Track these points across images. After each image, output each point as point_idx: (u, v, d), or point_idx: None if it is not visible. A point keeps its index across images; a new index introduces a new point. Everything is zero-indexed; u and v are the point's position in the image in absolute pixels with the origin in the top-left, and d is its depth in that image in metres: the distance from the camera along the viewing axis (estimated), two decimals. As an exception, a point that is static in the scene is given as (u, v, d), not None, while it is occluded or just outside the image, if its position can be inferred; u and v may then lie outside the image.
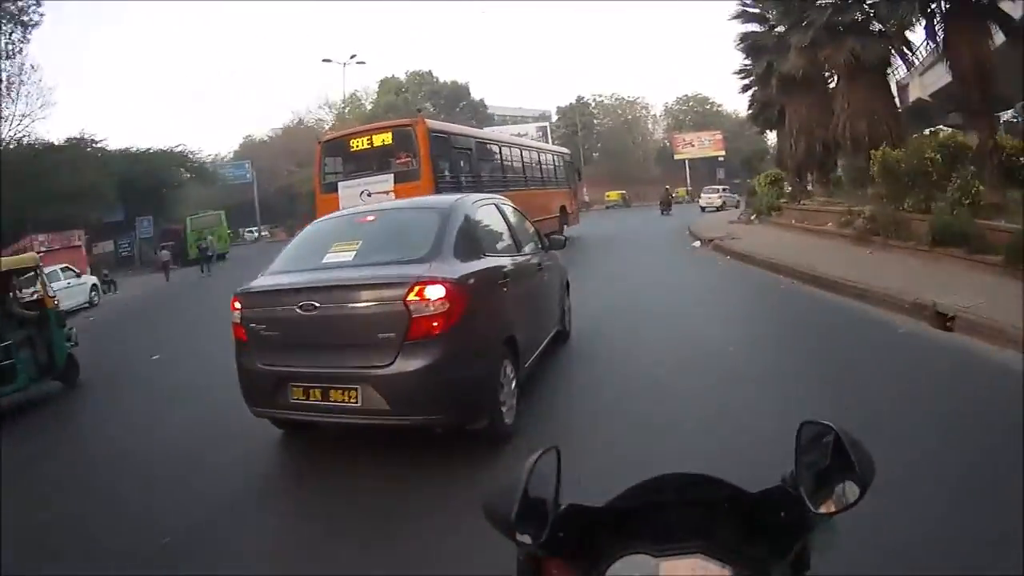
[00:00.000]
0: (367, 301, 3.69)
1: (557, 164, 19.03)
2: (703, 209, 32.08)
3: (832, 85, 18.72)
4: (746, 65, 24.38)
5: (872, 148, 13.27)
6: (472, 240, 4.30)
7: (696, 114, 67.31)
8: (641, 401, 4.55)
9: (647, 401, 4.53)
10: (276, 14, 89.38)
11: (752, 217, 20.94)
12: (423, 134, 11.33)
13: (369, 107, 51.72)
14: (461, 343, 3.65)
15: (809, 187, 22.25)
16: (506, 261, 4.64)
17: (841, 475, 0.90)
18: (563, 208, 18.64)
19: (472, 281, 3.89)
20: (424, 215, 4.51)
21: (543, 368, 5.18)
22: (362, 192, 11.32)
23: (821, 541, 0.95)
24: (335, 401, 3.67)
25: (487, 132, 18.30)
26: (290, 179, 44.22)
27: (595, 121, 65.65)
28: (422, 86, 54.82)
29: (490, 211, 5.01)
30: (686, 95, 69.35)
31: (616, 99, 66.51)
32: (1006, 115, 24.20)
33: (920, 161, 10.49)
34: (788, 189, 22.34)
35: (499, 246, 4.78)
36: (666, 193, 36.61)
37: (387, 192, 11.06)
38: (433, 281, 3.59)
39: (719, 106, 67.77)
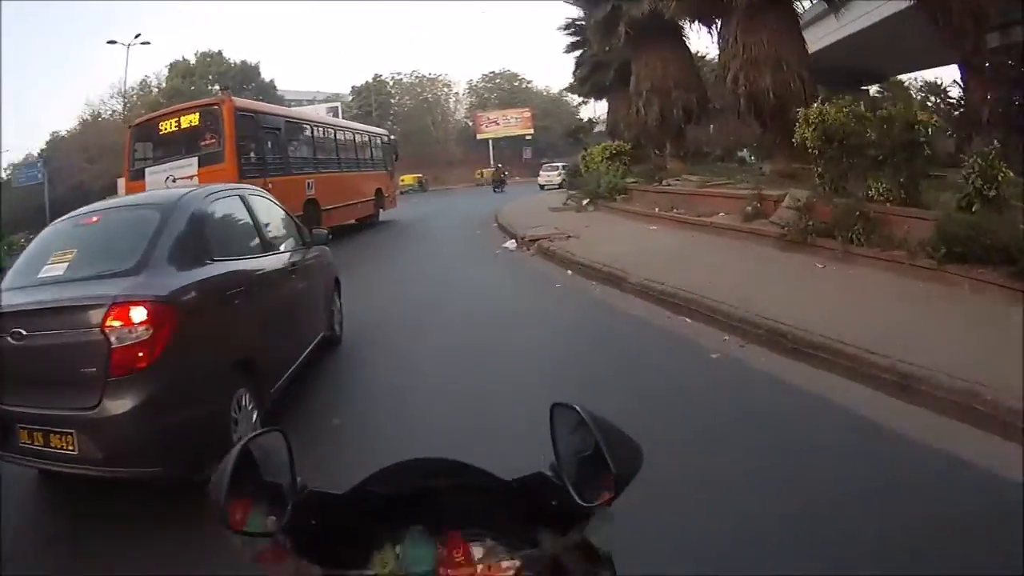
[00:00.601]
0: (66, 328, 3.06)
1: (374, 145, 19.07)
2: (542, 187, 31.78)
3: (707, 29, 14.71)
4: (576, 19, 21.99)
5: (780, 109, 11.06)
6: (197, 244, 3.67)
7: (503, 92, 62.44)
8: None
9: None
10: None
11: (585, 203, 16.54)
12: (229, 113, 11.04)
13: (154, 92, 46.23)
14: (174, 377, 3.06)
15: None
16: (245, 266, 4.03)
17: (603, 464, 0.88)
18: (379, 191, 18.78)
19: (188, 296, 3.32)
20: (143, 214, 3.79)
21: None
22: (167, 178, 10.87)
23: (597, 529, 0.92)
24: (55, 447, 3.03)
25: (300, 111, 17.80)
26: (82, 176, 38.75)
27: (392, 101, 60.31)
28: (210, 67, 49.53)
29: (230, 205, 4.32)
30: (493, 72, 64.29)
31: (416, 77, 61.95)
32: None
33: (889, 127, 7.31)
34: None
35: (238, 248, 4.14)
36: (499, 171, 39.80)
37: (191, 177, 10.72)
38: (134, 301, 2.99)
39: (529, 82, 64.08)
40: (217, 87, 44.99)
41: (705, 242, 9.38)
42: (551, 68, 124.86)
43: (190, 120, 11.46)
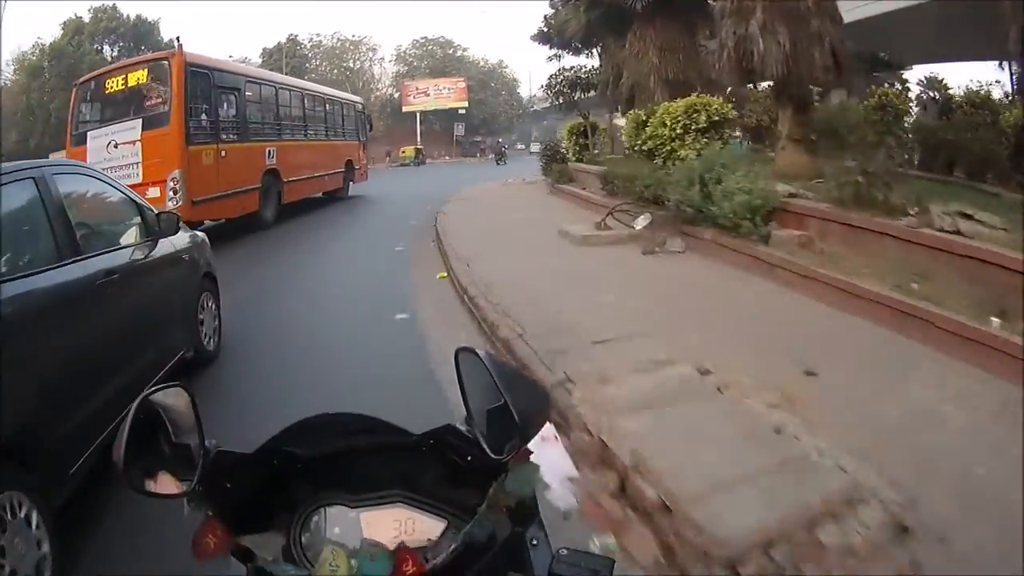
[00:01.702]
0: None
1: (346, 113, 17.56)
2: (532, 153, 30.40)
3: None
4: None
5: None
6: None
7: (435, 60, 55.31)
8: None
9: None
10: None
11: (655, 233, 7.57)
12: (178, 69, 9.39)
13: (32, 57, 39.79)
14: None
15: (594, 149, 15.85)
16: (11, 290, 2.47)
17: (508, 412, 0.81)
18: (349, 163, 17.34)
19: None
20: None
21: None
22: (109, 143, 9.46)
23: (513, 483, 0.86)
24: None
25: (264, 72, 16.30)
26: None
27: (308, 67, 51.19)
28: (100, 23, 41.39)
29: (18, 194, 2.84)
30: (424, 37, 56.81)
31: (338, 40, 54.67)
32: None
33: None
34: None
35: (15, 259, 2.69)
36: (499, 145, 40.27)
37: (133, 142, 9.31)
38: None
39: (464, 50, 57.21)
40: (108, 49, 40.73)
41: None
42: (490, 37, 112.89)
43: (138, 77, 9.85)
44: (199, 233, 5.05)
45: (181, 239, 4.40)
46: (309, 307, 6.28)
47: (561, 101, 18.08)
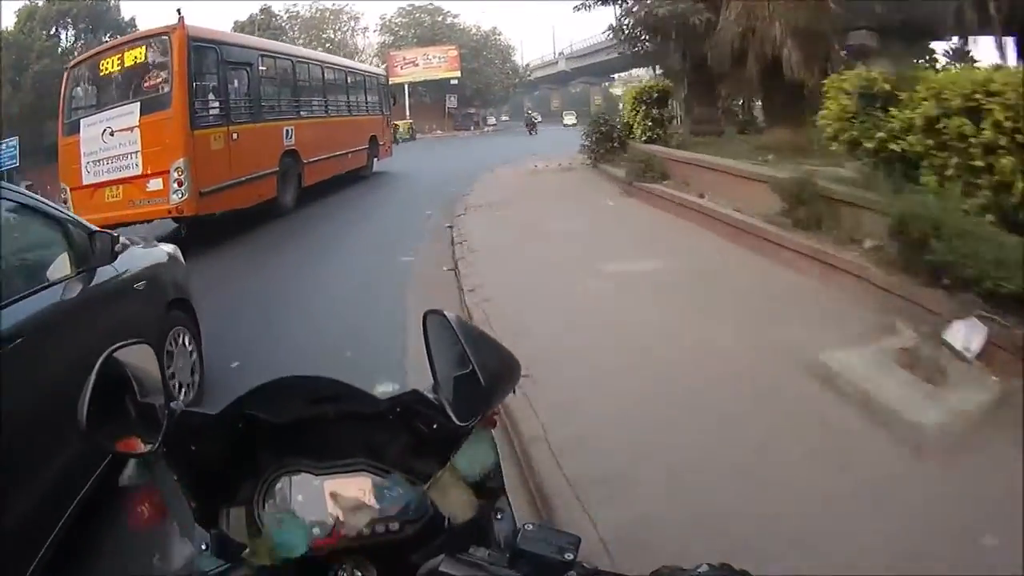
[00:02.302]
0: None
1: (368, 86, 16.48)
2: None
3: None
4: None
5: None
6: None
7: (423, 28, 51.33)
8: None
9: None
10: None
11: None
12: (180, 44, 8.31)
13: None
14: None
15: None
16: None
17: (475, 378, 0.80)
18: (373, 139, 16.30)
19: None
20: None
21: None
22: (104, 130, 8.38)
23: (469, 453, 0.85)
24: None
25: (278, 44, 15.16)
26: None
27: (283, 39, 42.99)
28: (53, 6, 37.14)
29: None
30: (411, 4, 52.16)
31: (317, 10, 51.40)
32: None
33: None
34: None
35: None
36: (530, 116, 37.92)
37: (131, 128, 8.23)
38: None
39: (455, 17, 52.97)
40: (64, 33, 37.56)
41: None
42: (482, 3, 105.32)
43: (135, 56, 8.70)
44: (166, 248, 3.98)
45: (137, 261, 3.40)
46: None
47: (636, 49, 14.01)
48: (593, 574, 0.73)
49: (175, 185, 7.93)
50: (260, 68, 10.63)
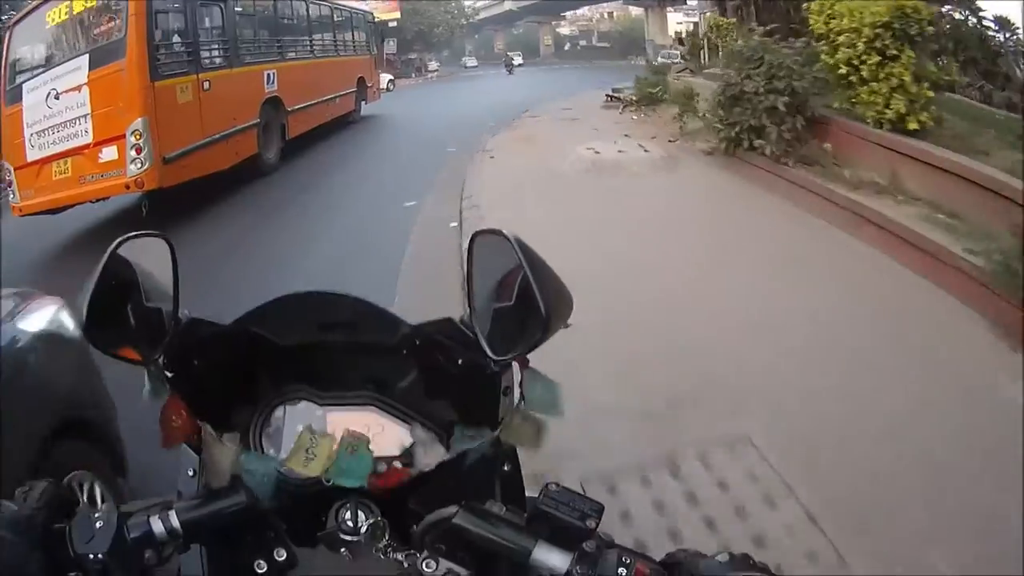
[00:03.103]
0: None
1: (356, 24, 14.96)
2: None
3: None
4: None
5: None
6: None
7: None
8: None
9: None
10: None
11: None
12: None
13: None
14: None
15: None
16: None
17: (524, 310, 0.69)
18: (361, 80, 14.88)
19: None
20: None
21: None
22: (48, 94, 6.89)
23: (536, 393, 0.74)
24: None
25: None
26: None
27: None
28: None
29: None
30: None
31: None
32: None
33: None
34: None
35: None
36: (509, 58, 40.57)
37: (79, 87, 6.73)
38: None
39: None
40: None
41: None
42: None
43: (84, 1, 7.08)
44: (47, 312, 2.12)
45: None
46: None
47: None
48: (610, 546, 0.64)
49: (132, 153, 6.50)
50: (235, 7, 9.15)
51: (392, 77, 30.24)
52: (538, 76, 21.79)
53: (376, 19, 16.89)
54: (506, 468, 0.79)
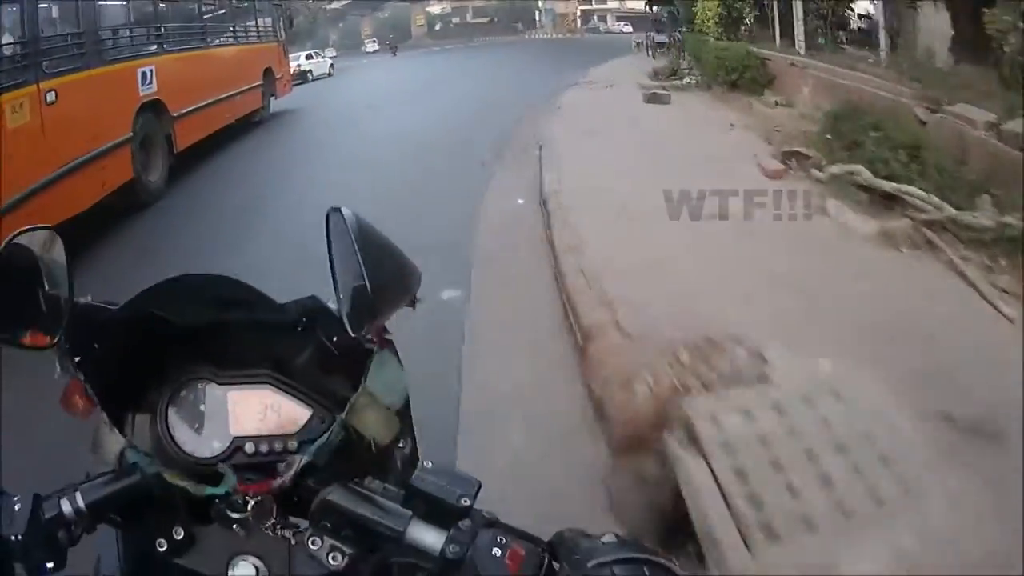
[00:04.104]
0: None
1: (259, 7, 12.76)
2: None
3: None
4: None
5: None
6: None
7: None
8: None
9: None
10: None
11: None
12: None
13: None
14: None
15: None
16: None
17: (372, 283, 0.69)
18: (268, 72, 12.75)
19: None
20: None
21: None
22: None
23: (382, 374, 0.76)
24: None
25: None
26: None
27: None
28: None
29: None
30: None
31: None
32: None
33: None
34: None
35: None
36: (392, 41, 40.14)
37: None
38: None
39: None
40: None
41: None
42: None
43: None
44: None
45: None
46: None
47: None
48: (492, 524, 0.65)
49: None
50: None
51: (332, 61, 27.80)
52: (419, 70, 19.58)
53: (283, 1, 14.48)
54: (401, 445, 0.78)
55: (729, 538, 1.93)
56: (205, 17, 10.10)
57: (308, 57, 24.54)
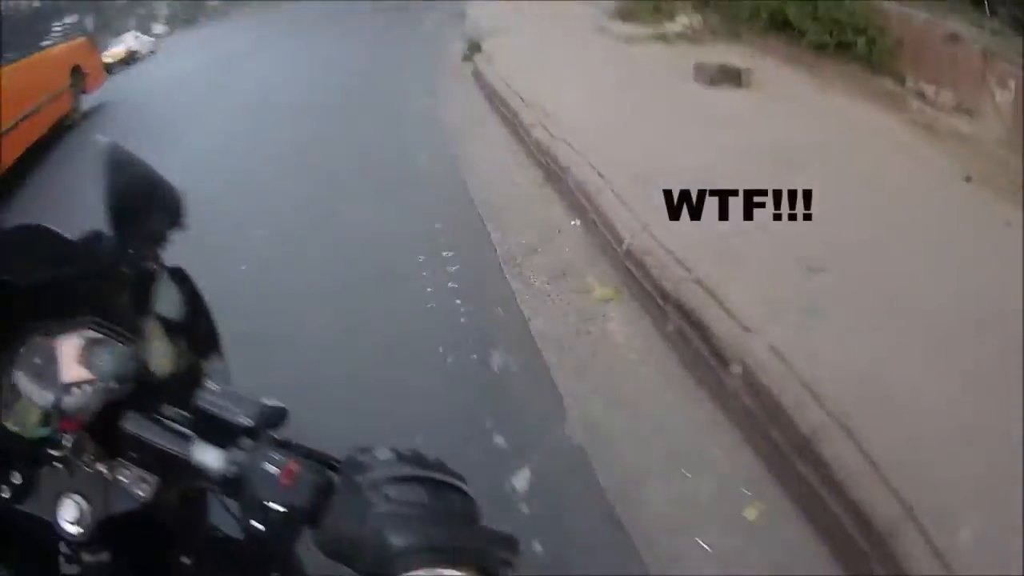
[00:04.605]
0: None
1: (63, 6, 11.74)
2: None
3: None
4: None
5: None
6: None
7: None
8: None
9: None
10: None
11: None
12: None
13: None
14: None
15: None
16: None
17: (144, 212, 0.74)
18: (77, 70, 11.91)
19: None
20: None
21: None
22: None
23: (163, 296, 0.80)
24: None
25: None
26: None
27: None
28: None
29: None
30: None
31: None
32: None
33: None
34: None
35: None
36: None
37: None
38: None
39: None
40: None
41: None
42: None
43: None
44: None
45: None
46: None
47: None
48: (283, 445, 0.65)
49: None
50: None
51: (155, 39, 24.85)
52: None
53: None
54: (190, 368, 0.82)
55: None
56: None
57: (136, 38, 23.30)
